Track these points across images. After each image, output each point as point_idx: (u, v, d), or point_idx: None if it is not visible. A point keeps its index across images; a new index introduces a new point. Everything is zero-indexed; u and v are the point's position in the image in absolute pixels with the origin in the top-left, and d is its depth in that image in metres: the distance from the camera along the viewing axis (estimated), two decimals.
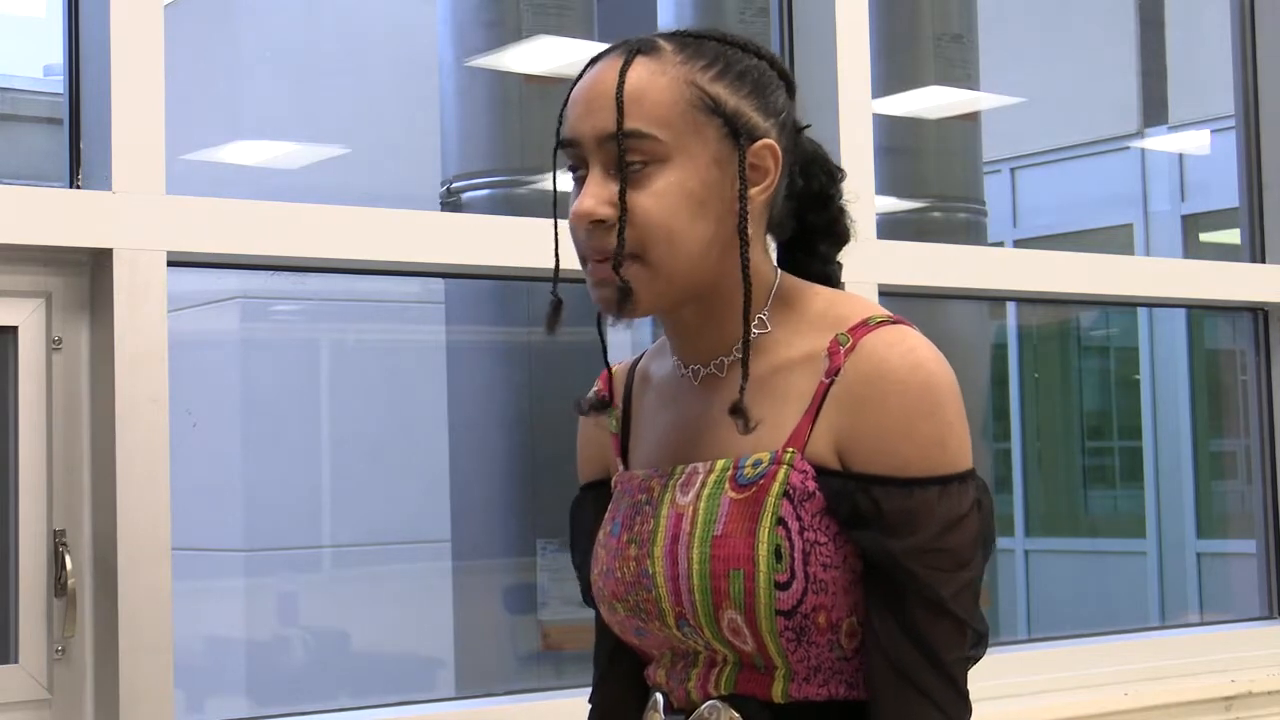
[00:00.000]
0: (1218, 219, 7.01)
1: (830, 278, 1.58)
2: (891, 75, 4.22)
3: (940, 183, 4.40)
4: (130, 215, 2.18)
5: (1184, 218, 7.40)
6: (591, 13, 3.81)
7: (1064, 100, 7.23)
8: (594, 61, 1.48)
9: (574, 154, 1.46)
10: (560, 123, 1.48)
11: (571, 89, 1.48)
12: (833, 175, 1.56)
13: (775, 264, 1.53)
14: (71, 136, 2.26)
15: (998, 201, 7.38)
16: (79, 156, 2.25)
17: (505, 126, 3.73)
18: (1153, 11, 7.24)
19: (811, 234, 1.57)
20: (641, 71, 1.43)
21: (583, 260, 1.46)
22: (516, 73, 3.73)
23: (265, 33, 5.48)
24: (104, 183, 2.19)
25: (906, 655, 1.39)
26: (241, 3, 5.60)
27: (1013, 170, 7.76)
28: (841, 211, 1.57)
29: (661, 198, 1.42)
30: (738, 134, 1.44)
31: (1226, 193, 4.25)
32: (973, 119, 4.54)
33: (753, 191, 1.45)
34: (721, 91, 1.44)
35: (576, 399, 1.62)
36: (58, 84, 2.33)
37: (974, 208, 4.51)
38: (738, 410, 1.42)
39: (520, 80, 3.73)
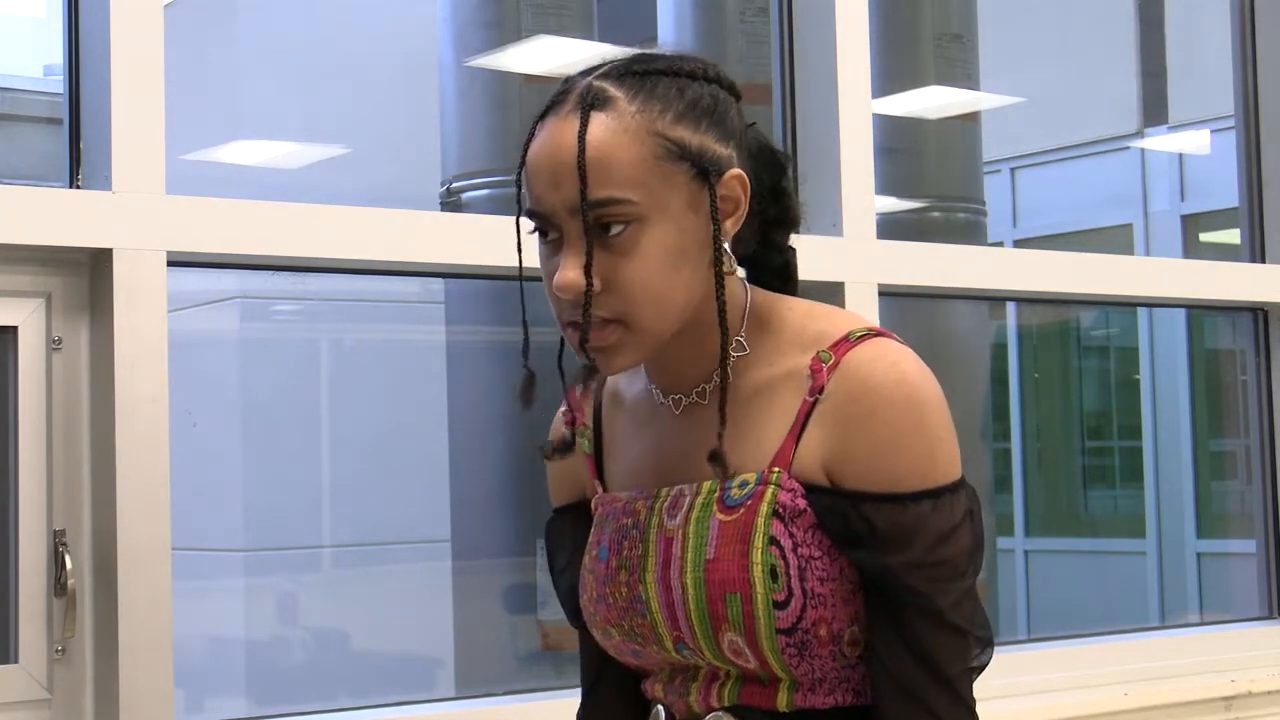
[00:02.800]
0: (1218, 219, 7.00)
1: (789, 266, 1.56)
2: (891, 75, 4.22)
3: (940, 183, 4.40)
4: (130, 215, 2.18)
5: (1184, 218, 7.40)
6: (591, 13, 3.81)
7: (1064, 100, 7.23)
8: (544, 117, 1.44)
9: (544, 221, 1.42)
10: (519, 186, 1.44)
11: (526, 149, 1.44)
12: (781, 166, 1.53)
13: (745, 282, 1.51)
14: (71, 136, 2.26)
15: (998, 201, 7.38)
16: (79, 156, 2.25)
17: (505, 126, 3.73)
18: (1153, 11, 7.23)
19: (767, 227, 1.54)
20: (600, 133, 1.38)
21: (563, 325, 1.44)
22: (516, 73, 3.73)
23: (265, 33, 5.48)
24: (104, 183, 2.19)
25: (910, 671, 1.38)
26: (241, 3, 5.60)
27: (1013, 170, 7.75)
28: (791, 198, 1.55)
29: (646, 260, 1.38)
30: (706, 173, 1.40)
31: (1226, 193, 4.25)
32: (973, 119, 4.53)
33: (726, 225, 1.43)
34: (684, 134, 1.40)
35: (540, 444, 1.58)
36: (58, 84, 2.33)
37: (974, 208, 4.50)
38: (716, 457, 1.40)
39: (520, 80, 3.73)
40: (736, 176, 1.43)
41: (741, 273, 1.55)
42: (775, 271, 1.54)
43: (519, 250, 1.48)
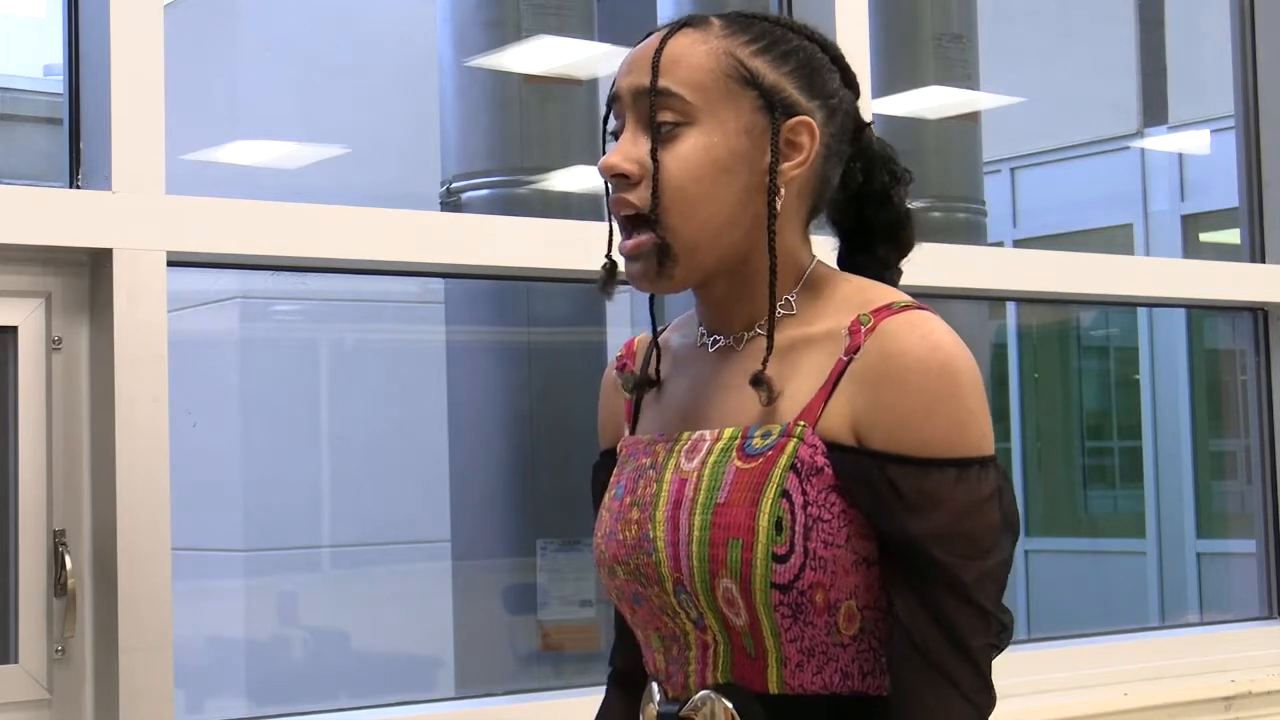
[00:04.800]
0: (1218, 219, 7.01)
1: (885, 283, 1.55)
2: (891, 75, 4.22)
3: (940, 183, 4.40)
4: (130, 215, 2.18)
5: (1184, 218, 7.40)
6: (591, 13, 3.81)
7: (1064, 100, 7.23)
8: (649, 34, 1.51)
9: (617, 111, 1.49)
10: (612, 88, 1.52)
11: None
12: (897, 176, 1.56)
13: (814, 254, 1.53)
14: (71, 136, 2.26)
15: (998, 201, 7.38)
16: (79, 156, 2.25)
17: (505, 126, 3.73)
18: (1153, 11, 7.24)
19: (872, 234, 1.57)
20: (684, 40, 1.47)
21: (614, 215, 1.49)
22: (516, 73, 3.74)
23: (265, 32, 5.48)
24: (104, 183, 2.19)
25: (931, 639, 1.38)
26: (242, 2, 5.61)
27: (1013, 170, 7.75)
28: (907, 215, 1.57)
29: (683, 160, 1.44)
30: (773, 108, 1.45)
31: (1226, 193, 4.25)
32: (973, 119, 4.53)
33: (784, 166, 1.46)
34: (761, 66, 1.46)
35: (627, 376, 1.62)
36: (58, 84, 2.33)
37: (974, 208, 4.51)
38: (759, 381, 1.42)
39: (520, 80, 3.73)
40: (804, 123, 1.47)
41: (834, 252, 1.57)
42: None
43: (602, 145, 1.54)
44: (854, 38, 2.84)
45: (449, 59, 3.89)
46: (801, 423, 1.42)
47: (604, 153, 1.52)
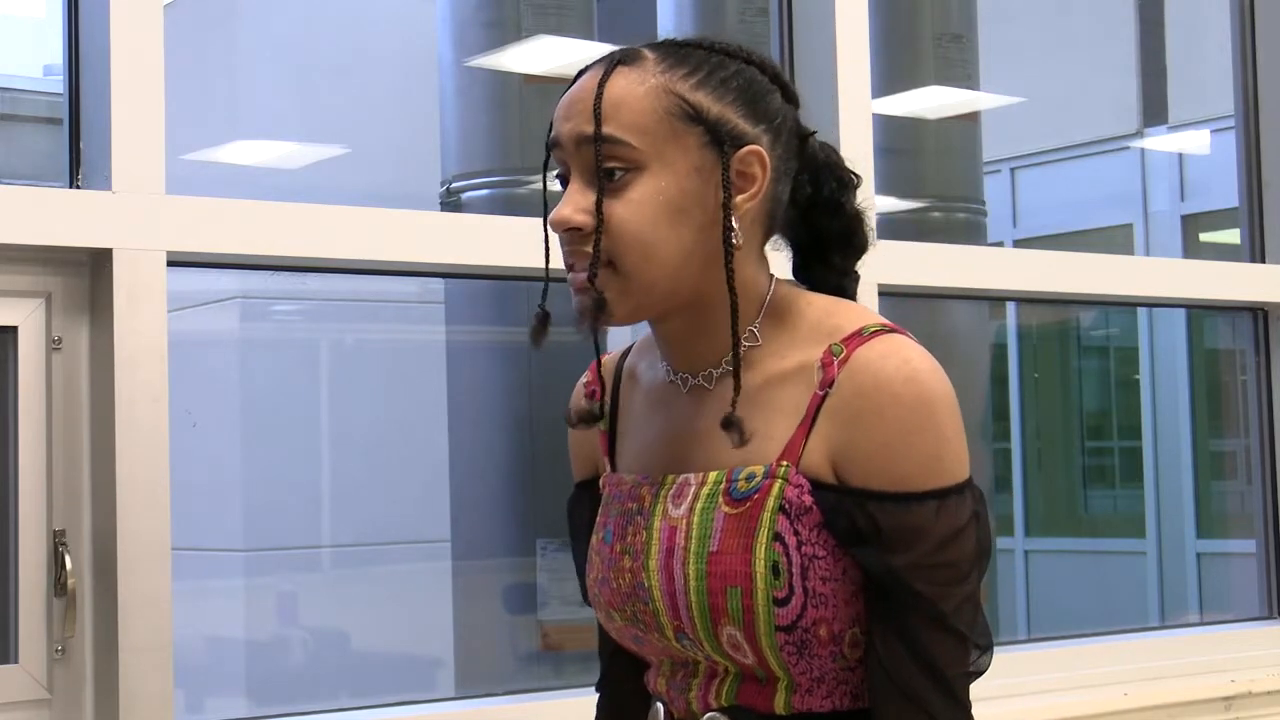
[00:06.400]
0: (1218, 219, 7.01)
1: (844, 290, 1.55)
2: (891, 75, 4.21)
3: (940, 183, 4.40)
4: (130, 215, 2.18)
5: (1184, 218, 7.40)
6: (591, 13, 3.81)
7: (1064, 100, 7.23)
8: (582, 73, 1.47)
9: (558, 158, 1.46)
10: (549, 133, 1.48)
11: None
12: (845, 182, 1.53)
13: (771, 274, 1.50)
14: (71, 136, 2.26)
15: (998, 201, 7.38)
16: (79, 156, 2.25)
17: (505, 126, 3.73)
18: (1153, 11, 7.24)
19: (825, 243, 1.54)
20: (621, 81, 1.42)
21: (567, 267, 1.46)
22: (516, 73, 3.73)
23: (265, 33, 5.48)
24: (104, 183, 2.19)
25: (909, 672, 1.38)
26: (241, 3, 5.60)
27: (1013, 170, 7.75)
28: (858, 220, 1.54)
29: (636, 206, 1.40)
30: (721, 141, 1.42)
31: (1226, 193, 4.25)
32: (973, 119, 4.53)
33: (739, 199, 1.43)
34: (703, 99, 1.42)
35: (566, 411, 1.60)
36: (58, 84, 2.33)
37: (974, 208, 4.50)
38: (730, 423, 1.40)
39: (520, 80, 3.73)
40: (754, 153, 1.43)
41: (784, 270, 1.55)
42: (829, 292, 1.53)
43: (544, 192, 1.52)
44: (854, 38, 2.84)
45: (449, 59, 3.88)
46: (784, 462, 1.40)
47: (546, 199, 1.49)
